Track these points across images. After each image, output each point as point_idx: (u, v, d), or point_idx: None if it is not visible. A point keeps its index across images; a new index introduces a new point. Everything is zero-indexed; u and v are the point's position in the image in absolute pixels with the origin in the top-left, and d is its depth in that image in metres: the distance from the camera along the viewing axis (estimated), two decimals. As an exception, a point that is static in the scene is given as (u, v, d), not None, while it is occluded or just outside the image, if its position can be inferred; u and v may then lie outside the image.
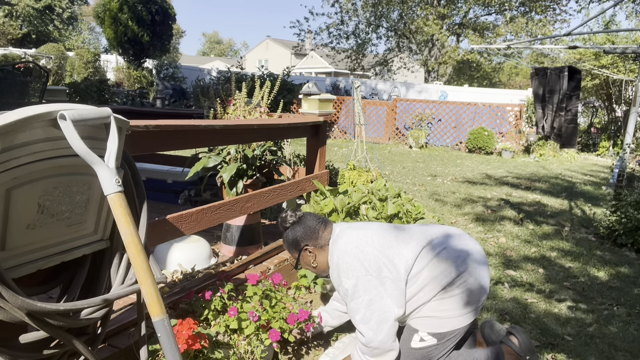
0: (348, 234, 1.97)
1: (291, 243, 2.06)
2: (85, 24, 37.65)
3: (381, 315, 1.80)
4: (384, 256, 1.85)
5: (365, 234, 1.95)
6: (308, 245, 2.01)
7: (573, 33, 5.65)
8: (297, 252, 2.04)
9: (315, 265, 2.04)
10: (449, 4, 18.64)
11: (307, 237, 2.01)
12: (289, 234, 2.05)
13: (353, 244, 1.90)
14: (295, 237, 2.03)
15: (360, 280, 1.82)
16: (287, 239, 2.07)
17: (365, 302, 1.80)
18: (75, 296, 1.36)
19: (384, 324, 1.79)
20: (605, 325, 2.74)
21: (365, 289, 1.81)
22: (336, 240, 1.97)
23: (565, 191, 7.03)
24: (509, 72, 37.76)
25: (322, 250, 2.01)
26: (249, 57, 43.23)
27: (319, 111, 3.34)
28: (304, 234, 2.01)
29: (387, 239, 1.92)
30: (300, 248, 2.02)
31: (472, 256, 1.90)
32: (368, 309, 1.80)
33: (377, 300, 1.80)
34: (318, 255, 2.02)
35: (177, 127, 2.05)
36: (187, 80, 18.59)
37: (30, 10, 26.69)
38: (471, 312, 1.86)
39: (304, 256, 2.04)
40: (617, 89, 12.93)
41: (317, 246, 2.01)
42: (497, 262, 3.77)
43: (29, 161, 1.10)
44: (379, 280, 1.82)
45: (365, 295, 1.81)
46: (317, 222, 2.04)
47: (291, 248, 2.07)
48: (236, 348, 1.90)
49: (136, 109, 6.24)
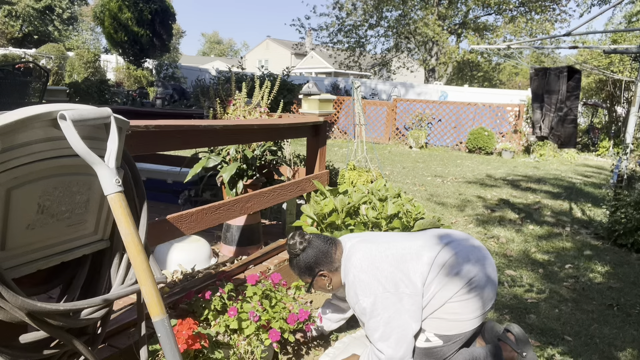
0: (361, 249, 1.93)
1: (304, 269, 1.99)
2: (85, 24, 37.65)
3: (400, 333, 1.78)
4: (400, 271, 1.84)
5: (378, 248, 1.92)
6: (322, 270, 1.96)
7: (573, 33, 5.65)
8: (311, 278, 1.99)
9: (330, 287, 2.00)
10: (450, 4, 18.64)
11: (321, 262, 1.96)
12: (301, 261, 1.97)
13: (368, 261, 1.87)
14: (309, 263, 1.96)
15: (379, 297, 1.79)
16: (299, 265, 1.99)
17: (384, 320, 1.78)
18: (75, 296, 1.36)
19: (402, 341, 1.78)
20: (605, 325, 2.74)
21: (384, 307, 1.79)
22: (349, 258, 1.93)
23: (566, 191, 7.03)
24: (509, 72, 37.75)
25: (336, 271, 1.97)
26: (249, 57, 43.20)
27: (319, 111, 3.34)
28: (317, 258, 1.95)
29: (400, 252, 1.90)
30: (315, 274, 1.97)
31: (483, 263, 1.92)
32: (387, 327, 1.78)
33: (396, 318, 1.78)
34: (333, 278, 1.97)
35: (177, 127, 2.05)
36: (187, 80, 18.60)
37: (30, 10, 26.69)
38: (479, 317, 1.87)
39: (318, 281, 1.99)
40: (617, 89, 12.93)
41: (332, 269, 1.96)
42: (497, 262, 3.77)
43: (29, 161, 1.10)
44: (397, 296, 1.80)
45: (384, 313, 1.78)
46: (327, 243, 1.98)
47: (304, 274, 2.01)
48: (236, 348, 1.90)
49: (136, 109, 6.24)
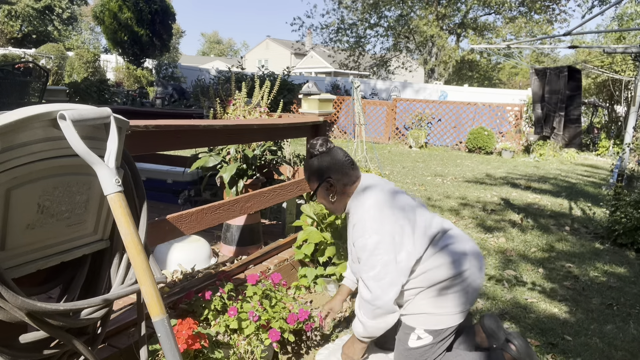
0: (383, 190, 1.92)
1: (315, 171, 1.96)
2: (85, 24, 37.64)
3: (393, 279, 1.80)
4: (410, 228, 1.86)
5: (399, 199, 1.92)
6: (331, 178, 1.93)
7: (573, 33, 5.65)
8: (318, 182, 1.96)
9: (333, 200, 1.97)
10: (450, 4, 18.63)
11: (334, 170, 1.94)
12: (315, 162, 1.96)
13: (387, 204, 1.86)
14: (321, 166, 1.94)
15: (385, 239, 1.81)
16: (312, 166, 1.97)
17: (383, 261, 1.80)
18: (75, 296, 1.36)
19: (393, 287, 1.81)
20: (605, 325, 2.74)
21: (385, 250, 1.81)
22: (367, 190, 1.91)
23: (565, 191, 7.03)
24: (509, 72, 37.75)
25: (344, 188, 1.95)
26: (249, 57, 43.20)
27: (318, 111, 3.35)
28: (332, 166, 1.93)
29: (415, 214, 1.91)
30: (323, 178, 1.94)
31: (475, 258, 1.93)
32: (384, 269, 1.80)
33: (393, 264, 1.81)
34: (339, 192, 1.95)
35: (177, 127, 2.05)
36: (187, 80, 18.59)
37: (30, 10, 26.68)
38: (464, 312, 1.89)
39: (323, 188, 1.96)
40: (617, 88, 12.93)
41: (341, 182, 1.94)
42: (497, 262, 3.77)
43: (29, 161, 1.10)
44: (400, 247, 1.83)
45: (384, 256, 1.80)
46: (347, 159, 1.97)
47: (312, 176, 1.98)
48: (236, 348, 1.90)
49: (136, 109, 6.24)
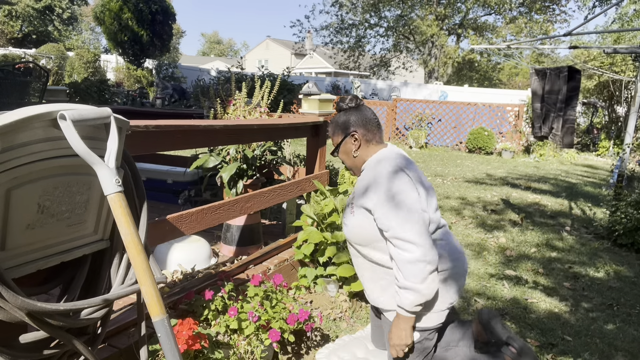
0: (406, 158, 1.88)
1: (341, 124, 1.94)
2: (85, 24, 37.66)
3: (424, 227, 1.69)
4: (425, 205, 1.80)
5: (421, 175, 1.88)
6: (357, 132, 1.91)
7: (573, 33, 5.65)
8: (343, 136, 1.93)
9: (356, 155, 1.94)
10: (450, 4, 18.64)
11: (360, 125, 1.91)
12: (342, 116, 1.95)
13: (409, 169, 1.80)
14: (348, 120, 1.92)
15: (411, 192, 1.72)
16: (338, 120, 1.95)
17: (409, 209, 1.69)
18: (75, 296, 1.36)
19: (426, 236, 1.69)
20: (605, 325, 2.74)
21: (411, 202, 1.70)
22: (392, 152, 1.89)
23: (565, 191, 7.03)
24: (509, 72, 37.74)
25: (368, 144, 1.92)
26: (249, 57, 43.19)
27: (319, 111, 3.34)
28: (358, 120, 1.92)
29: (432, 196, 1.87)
30: (348, 132, 1.92)
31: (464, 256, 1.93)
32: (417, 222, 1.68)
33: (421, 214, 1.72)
34: (362, 147, 1.92)
35: (177, 127, 2.05)
36: (187, 80, 18.59)
37: (30, 10, 26.68)
38: (448, 310, 1.86)
39: (348, 142, 1.93)
40: (617, 89, 12.93)
41: (365, 138, 1.91)
42: (497, 262, 3.77)
43: (29, 161, 1.10)
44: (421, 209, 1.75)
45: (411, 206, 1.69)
46: (374, 117, 1.96)
47: (338, 129, 1.95)
48: (236, 348, 1.90)
49: (136, 109, 6.24)
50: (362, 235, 1.84)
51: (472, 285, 3.27)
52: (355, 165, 1.97)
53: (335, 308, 2.72)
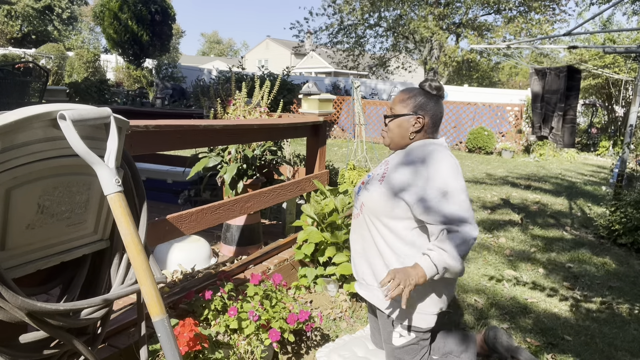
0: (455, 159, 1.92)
1: (417, 103, 1.91)
2: (85, 24, 37.64)
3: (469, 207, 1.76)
4: None
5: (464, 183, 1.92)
6: (424, 119, 1.90)
7: (572, 33, 5.65)
8: (410, 113, 1.91)
9: (411, 137, 1.93)
10: (448, 4, 18.62)
11: (431, 115, 1.91)
12: (422, 96, 1.92)
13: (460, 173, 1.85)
14: (425, 103, 1.91)
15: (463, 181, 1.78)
16: (417, 96, 1.92)
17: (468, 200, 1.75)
18: (75, 296, 1.36)
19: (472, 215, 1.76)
20: (605, 325, 2.74)
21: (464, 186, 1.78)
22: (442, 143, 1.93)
23: (566, 191, 7.03)
24: (509, 72, 37.74)
25: (424, 134, 1.93)
26: (249, 57, 43.17)
27: (318, 111, 3.34)
28: (433, 110, 1.91)
29: None
30: (417, 113, 1.90)
31: None
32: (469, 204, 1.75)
33: None
34: (419, 133, 1.93)
35: (177, 127, 2.05)
36: (187, 80, 18.58)
37: (30, 10, 26.67)
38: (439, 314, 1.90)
39: (410, 120, 1.91)
40: (617, 88, 12.93)
41: (426, 128, 1.91)
42: (497, 262, 3.77)
43: (29, 161, 1.10)
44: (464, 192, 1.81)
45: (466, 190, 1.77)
46: (443, 116, 1.97)
47: (410, 104, 1.92)
48: (236, 348, 1.90)
49: (136, 109, 6.24)
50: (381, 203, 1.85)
51: (472, 285, 3.27)
52: (399, 142, 1.97)
53: (335, 308, 2.72)
